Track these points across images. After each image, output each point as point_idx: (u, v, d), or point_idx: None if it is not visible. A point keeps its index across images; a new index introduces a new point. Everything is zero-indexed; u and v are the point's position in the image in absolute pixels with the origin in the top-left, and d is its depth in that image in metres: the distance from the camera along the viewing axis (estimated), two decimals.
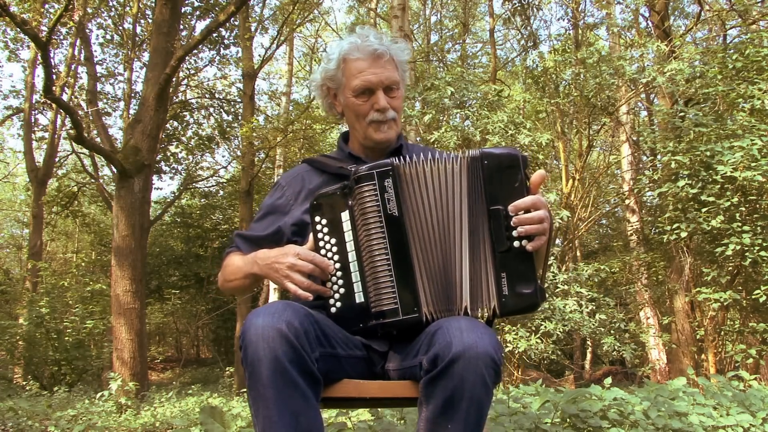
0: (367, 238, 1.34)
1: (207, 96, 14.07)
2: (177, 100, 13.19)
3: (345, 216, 1.40)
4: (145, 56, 12.34)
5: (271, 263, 1.41)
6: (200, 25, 15.65)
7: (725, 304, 6.40)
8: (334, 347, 1.31)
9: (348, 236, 1.39)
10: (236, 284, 1.58)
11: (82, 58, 12.59)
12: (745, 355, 6.22)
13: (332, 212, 1.42)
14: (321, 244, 1.42)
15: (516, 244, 1.31)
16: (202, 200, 17.61)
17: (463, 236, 1.35)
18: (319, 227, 1.43)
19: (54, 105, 11.67)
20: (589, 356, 14.21)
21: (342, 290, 1.39)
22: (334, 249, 1.40)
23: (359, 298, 1.37)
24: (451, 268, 1.35)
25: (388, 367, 1.44)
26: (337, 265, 1.39)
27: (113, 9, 12.49)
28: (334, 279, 1.40)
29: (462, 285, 1.34)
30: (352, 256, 1.38)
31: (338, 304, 1.39)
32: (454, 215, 1.36)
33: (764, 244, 5.88)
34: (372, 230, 1.34)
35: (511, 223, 1.31)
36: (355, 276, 1.37)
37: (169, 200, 15.90)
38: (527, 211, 1.30)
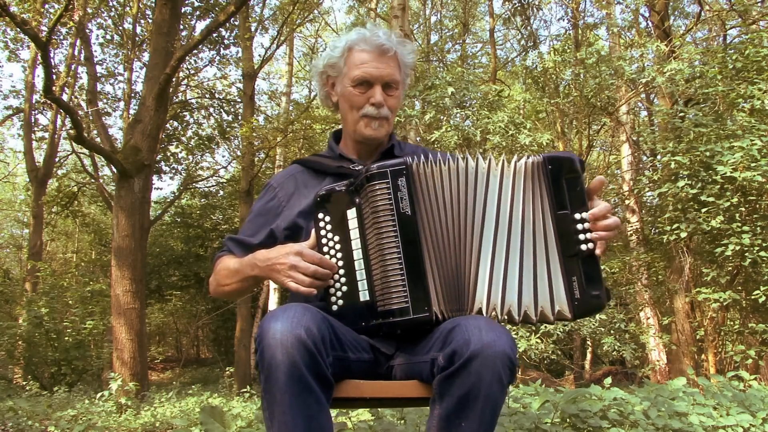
0: (377, 237, 1.32)
1: (207, 96, 14.08)
2: (177, 100, 13.20)
3: (351, 214, 1.38)
4: (145, 56, 12.36)
5: (272, 264, 1.38)
6: (200, 25, 15.64)
7: (725, 304, 6.40)
8: (345, 351, 1.31)
9: (354, 234, 1.37)
10: (233, 288, 1.55)
11: (82, 58, 12.59)
12: (744, 355, 6.21)
13: (337, 209, 1.39)
14: (324, 241, 1.40)
15: (583, 247, 1.31)
16: (202, 200, 17.62)
17: (485, 236, 1.33)
18: (322, 224, 1.40)
19: (54, 105, 11.67)
20: (589, 356, 14.19)
21: (345, 288, 1.37)
22: (338, 246, 1.38)
23: (364, 296, 1.34)
24: (464, 269, 1.33)
25: (394, 363, 1.43)
26: (340, 263, 1.37)
27: (113, 9, 12.50)
28: (336, 277, 1.38)
29: (476, 285, 1.32)
30: (357, 254, 1.36)
31: (340, 302, 1.38)
32: (474, 215, 1.34)
33: (764, 244, 5.87)
34: (384, 229, 1.31)
35: (588, 228, 1.31)
36: (360, 274, 1.35)
37: (169, 200, 15.91)
38: (604, 217, 1.31)
